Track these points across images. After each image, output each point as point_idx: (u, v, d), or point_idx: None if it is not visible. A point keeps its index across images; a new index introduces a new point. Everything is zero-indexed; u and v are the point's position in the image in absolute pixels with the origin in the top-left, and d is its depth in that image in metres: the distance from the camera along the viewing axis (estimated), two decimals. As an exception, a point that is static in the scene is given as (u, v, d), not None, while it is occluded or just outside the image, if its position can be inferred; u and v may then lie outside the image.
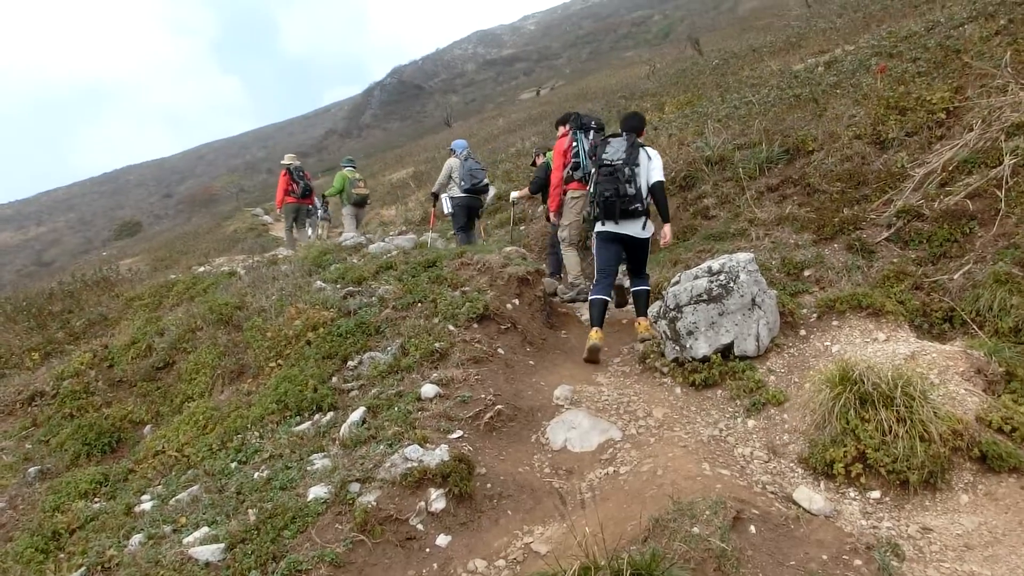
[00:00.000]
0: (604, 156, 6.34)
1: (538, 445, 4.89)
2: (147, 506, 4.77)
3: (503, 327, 6.24)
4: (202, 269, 11.91)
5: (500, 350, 5.93)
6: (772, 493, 3.99)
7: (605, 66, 52.42)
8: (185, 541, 3.96)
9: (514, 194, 10.58)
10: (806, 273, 6.58)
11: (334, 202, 16.91)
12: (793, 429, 4.62)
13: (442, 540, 3.91)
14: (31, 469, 6.25)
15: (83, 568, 4.09)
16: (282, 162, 14.48)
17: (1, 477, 6.26)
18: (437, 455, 4.29)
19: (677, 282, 5.89)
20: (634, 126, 6.55)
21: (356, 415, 4.95)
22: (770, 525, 3.54)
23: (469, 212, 10.30)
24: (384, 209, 22.90)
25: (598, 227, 6.45)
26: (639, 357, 6.04)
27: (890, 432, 4.02)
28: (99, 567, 4.04)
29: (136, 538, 4.24)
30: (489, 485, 4.32)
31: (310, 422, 5.25)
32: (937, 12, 12.54)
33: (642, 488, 4.00)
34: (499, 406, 5.04)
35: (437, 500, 4.07)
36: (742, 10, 55.04)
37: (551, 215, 8.23)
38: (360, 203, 14.03)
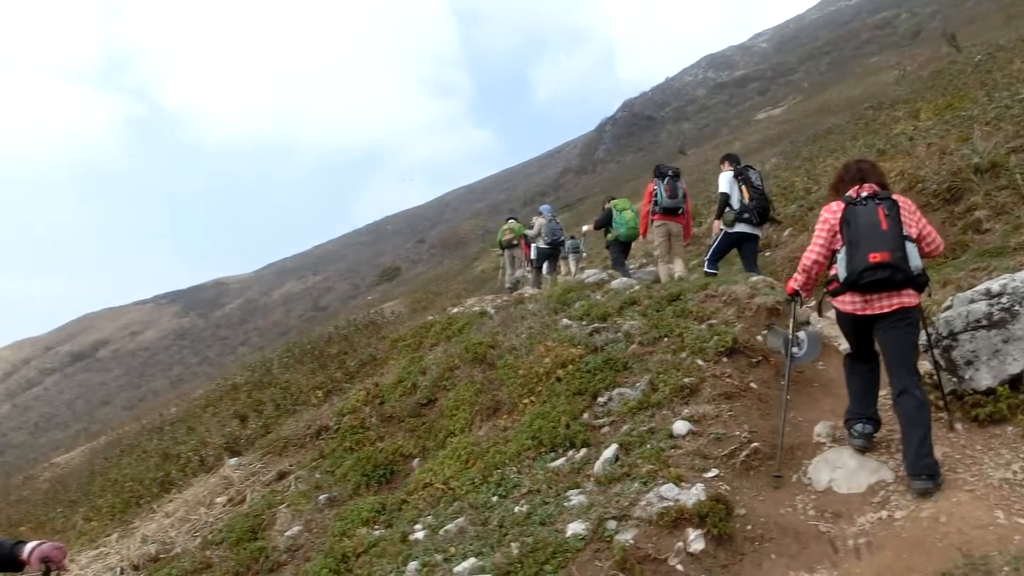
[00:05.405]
0: (753, 180, 8.63)
1: (800, 485, 4.65)
2: (420, 535, 5.15)
3: (754, 360, 6.02)
4: (456, 310, 12.76)
5: (752, 384, 5.73)
6: (1089, 548, 3.47)
7: (847, 76, 49.09)
8: (455, 570, 4.24)
9: (584, 227, 14.39)
10: (1114, 290, 5.69)
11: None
12: (1111, 473, 3.99)
13: (703, 583, 3.84)
14: (321, 496, 7.02)
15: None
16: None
17: (297, 503, 7.11)
18: (693, 494, 4.23)
19: (949, 307, 5.35)
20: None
21: (609, 452, 5.02)
22: (1089, 586, 3.09)
23: (548, 258, 14.86)
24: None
25: (740, 228, 8.49)
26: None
27: None
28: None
29: (412, 565, 4.59)
30: (749, 527, 4.18)
31: (564, 458, 5.39)
32: None
33: (923, 537, 3.66)
34: (755, 444, 4.87)
35: (695, 541, 4.00)
36: (1006, -5, 49.14)
37: (641, 235, 10.57)
38: (507, 247, 16.71)
